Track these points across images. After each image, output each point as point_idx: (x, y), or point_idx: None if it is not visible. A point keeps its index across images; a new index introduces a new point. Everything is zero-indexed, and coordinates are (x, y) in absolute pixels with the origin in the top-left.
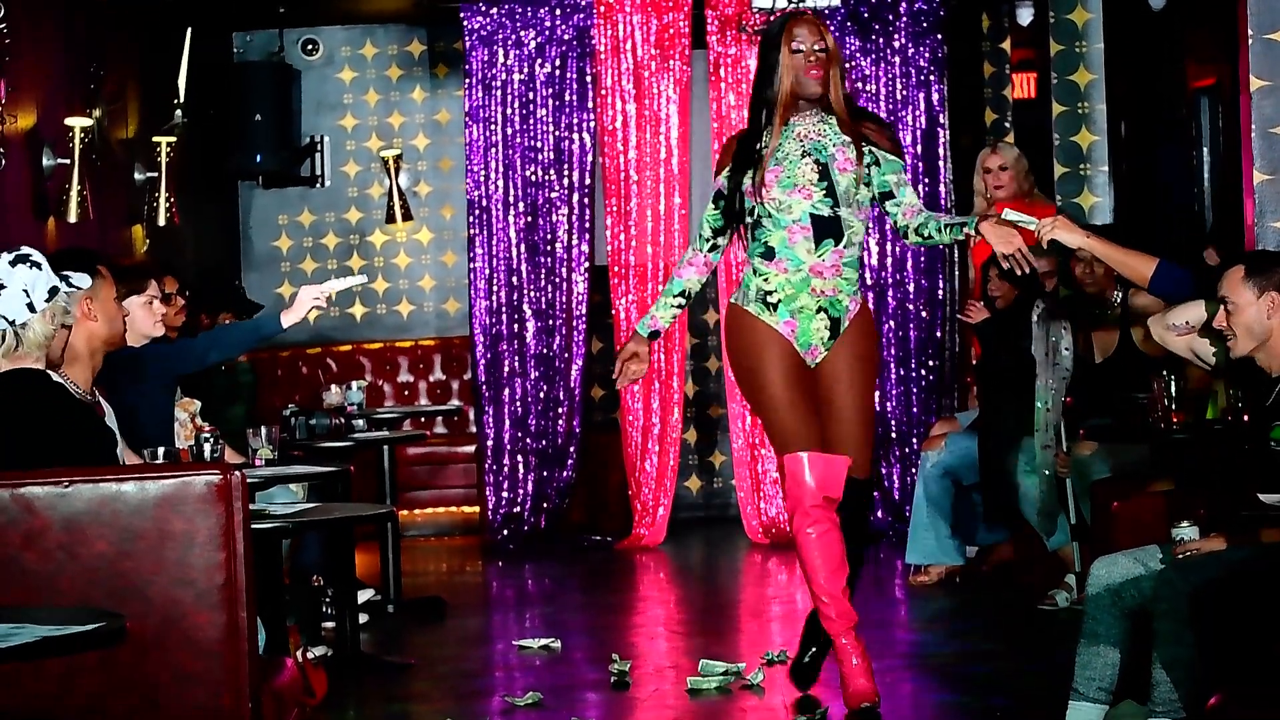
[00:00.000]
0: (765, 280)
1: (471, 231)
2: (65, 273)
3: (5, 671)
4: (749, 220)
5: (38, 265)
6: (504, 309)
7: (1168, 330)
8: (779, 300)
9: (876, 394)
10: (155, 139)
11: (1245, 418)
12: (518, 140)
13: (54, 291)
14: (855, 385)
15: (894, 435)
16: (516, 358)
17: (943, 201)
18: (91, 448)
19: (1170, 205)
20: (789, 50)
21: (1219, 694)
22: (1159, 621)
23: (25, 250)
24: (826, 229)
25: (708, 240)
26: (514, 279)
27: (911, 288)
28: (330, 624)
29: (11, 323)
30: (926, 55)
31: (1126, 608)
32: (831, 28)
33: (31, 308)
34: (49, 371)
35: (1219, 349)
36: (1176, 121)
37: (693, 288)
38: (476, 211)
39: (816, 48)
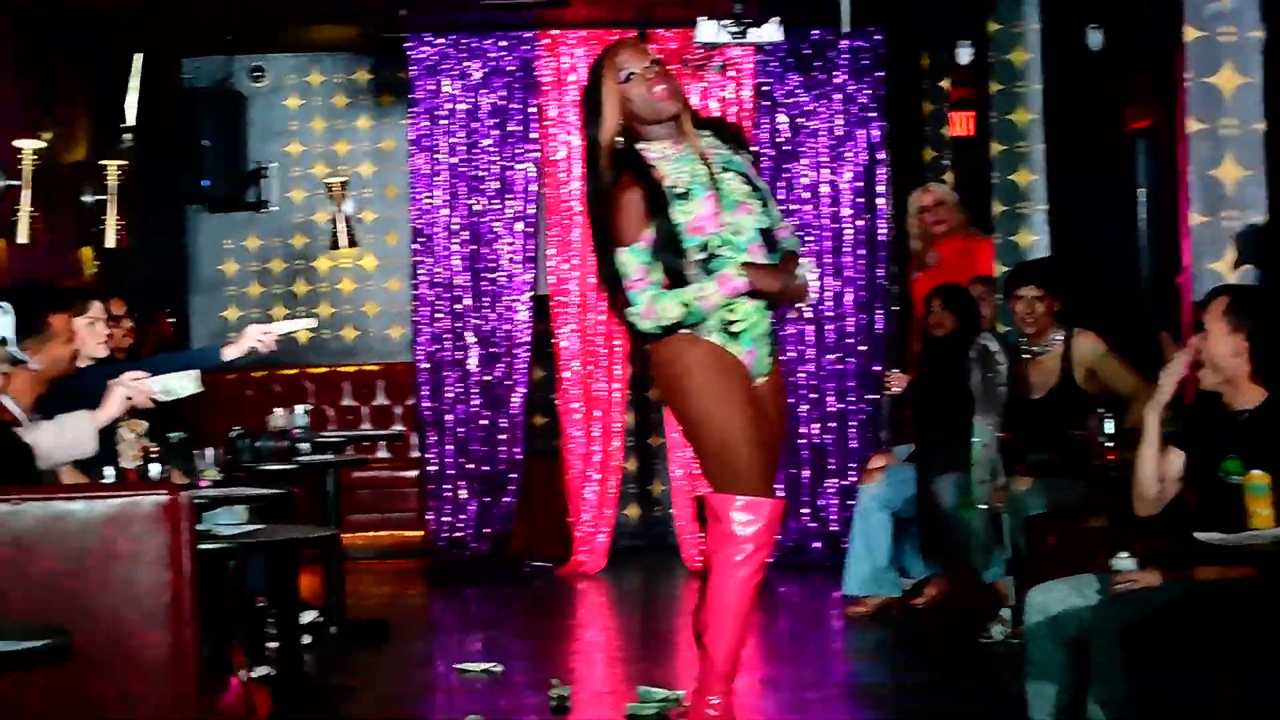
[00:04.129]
0: (731, 310)
1: (416, 259)
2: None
3: None
4: (698, 258)
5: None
6: (447, 336)
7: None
8: (743, 329)
9: (816, 426)
10: (104, 162)
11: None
12: (462, 169)
13: (2, 342)
14: (781, 413)
15: (831, 467)
16: (459, 384)
17: (881, 237)
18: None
19: (1107, 245)
20: (615, 81)
21: None
22: (1095, 655)
23: None
24: (770, 241)
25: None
26: (457, 306)
27: (850, 323)
28: (274, 644)
29: None
30: (867, 93)
31: (1065, 637)
32: (774, 64)
33: None
34: None
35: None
36: (1114, 162)
37: None
38: (421, 239)
39: (646, 64)
